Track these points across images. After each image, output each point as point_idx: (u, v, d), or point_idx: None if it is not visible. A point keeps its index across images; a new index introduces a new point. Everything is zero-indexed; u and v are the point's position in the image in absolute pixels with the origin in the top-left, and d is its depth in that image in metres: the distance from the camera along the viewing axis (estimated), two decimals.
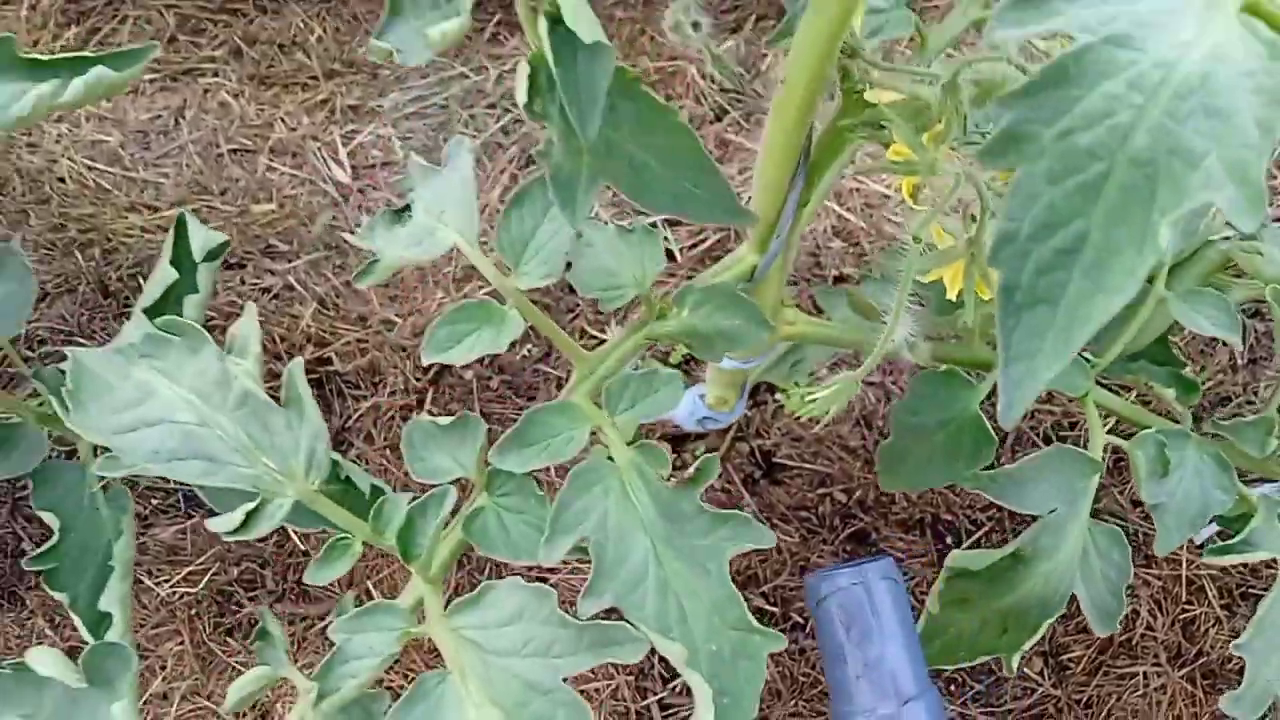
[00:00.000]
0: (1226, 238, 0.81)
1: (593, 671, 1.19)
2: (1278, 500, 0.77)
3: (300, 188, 1.41)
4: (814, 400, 0.54)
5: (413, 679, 1.06)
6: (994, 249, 0.37)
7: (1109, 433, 0.81)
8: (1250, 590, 1.26)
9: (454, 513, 0.60)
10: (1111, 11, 0.34)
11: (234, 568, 1.22)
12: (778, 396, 1.24)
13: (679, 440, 1.23)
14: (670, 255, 1.36)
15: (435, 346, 0.59)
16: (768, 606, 1.21)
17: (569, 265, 0.62)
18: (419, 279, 1.34)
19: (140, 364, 0.58)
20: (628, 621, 0.49)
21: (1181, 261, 0.80)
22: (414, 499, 0.58)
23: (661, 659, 1.24)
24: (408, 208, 0.65)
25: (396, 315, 1.32)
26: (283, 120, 1.48)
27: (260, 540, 1.26)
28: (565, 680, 0.49)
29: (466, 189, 0.60)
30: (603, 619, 0.49)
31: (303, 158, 1.43)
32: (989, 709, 1.24)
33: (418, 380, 1.29)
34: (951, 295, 0.53)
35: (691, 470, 0.56)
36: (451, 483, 0.60)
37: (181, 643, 1.19)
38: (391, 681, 1.13)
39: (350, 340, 1.30)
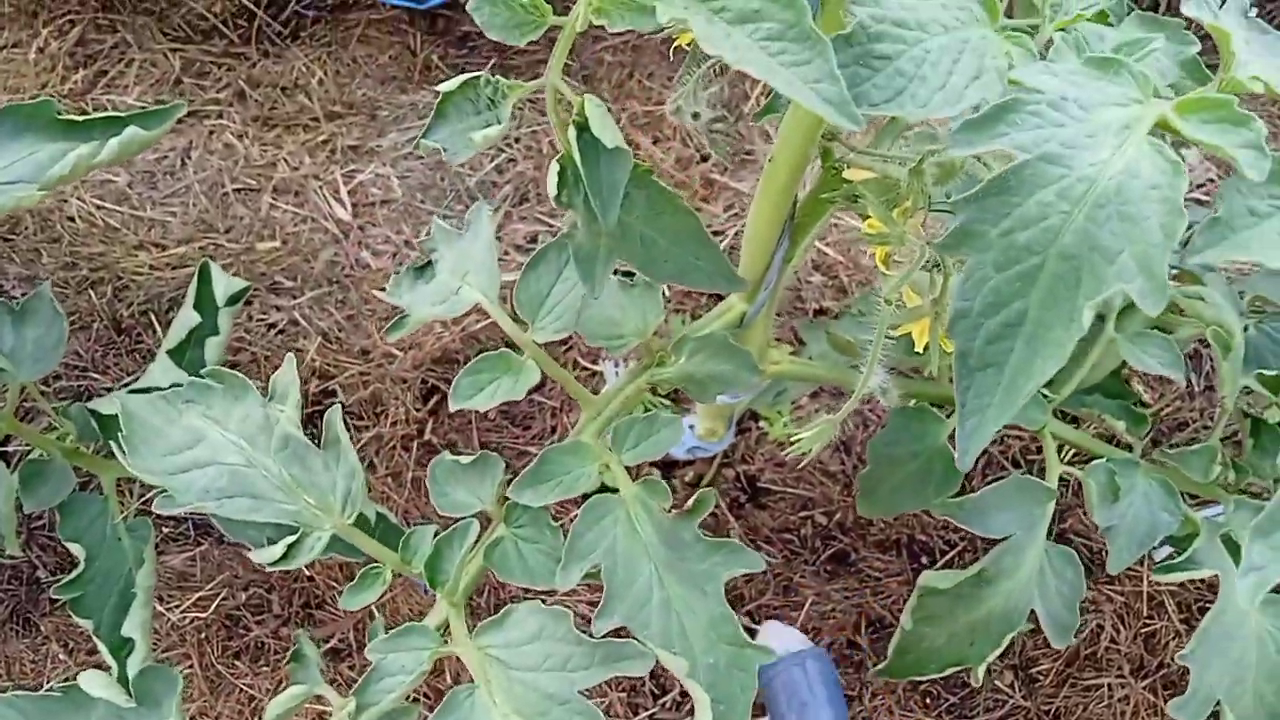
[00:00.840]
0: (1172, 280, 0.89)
1: (586, 690, 1.25)
2: (1221, 522, 0.84)
3: (303, 225, 1.47)
4: (797, 441, 0.61)
5: (425, 700, 1.12)
6: (951, 323, 0.44)
7: (1071, 461, 0.89)
8: (1207, 605, 1.34)
9: (475, 543, 0.66)
10: (1044, 135, 0.41)
11: (242, 593, 1.28)
12: (762, 424, 1.32)
13: (669, 467, 1.30)
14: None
15: (460, 395, 0.65)
16: (752, 624, 1.27)
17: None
18: None
19: (188, 410, 0.64)
20: (635, 639, 0.56)
21: (1130, 305, 0.88)
22: (438, 532, 0.65)
23: (653, 676, 1.30)
24: (429, 265, 0.72)
25: (397, 349, 1.38)
26: (285, 160, 1.54)
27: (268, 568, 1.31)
28: (581, 692, 0.55)
29: (488, 252, 0.67)
30: (611, 637, 0.56)
31: (305, 196, 1.49)
32: None
33: (417, 411, 1.35)
34: (919, 348, 0.61)
35: (690, 503, 0.62)
36: (472, 516, 0.67)
37: (191, 666, 1.24)
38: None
39: (353, 373, 1.36)
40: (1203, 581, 1.31)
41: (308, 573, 1.28)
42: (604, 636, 0.56)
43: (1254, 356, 0.90)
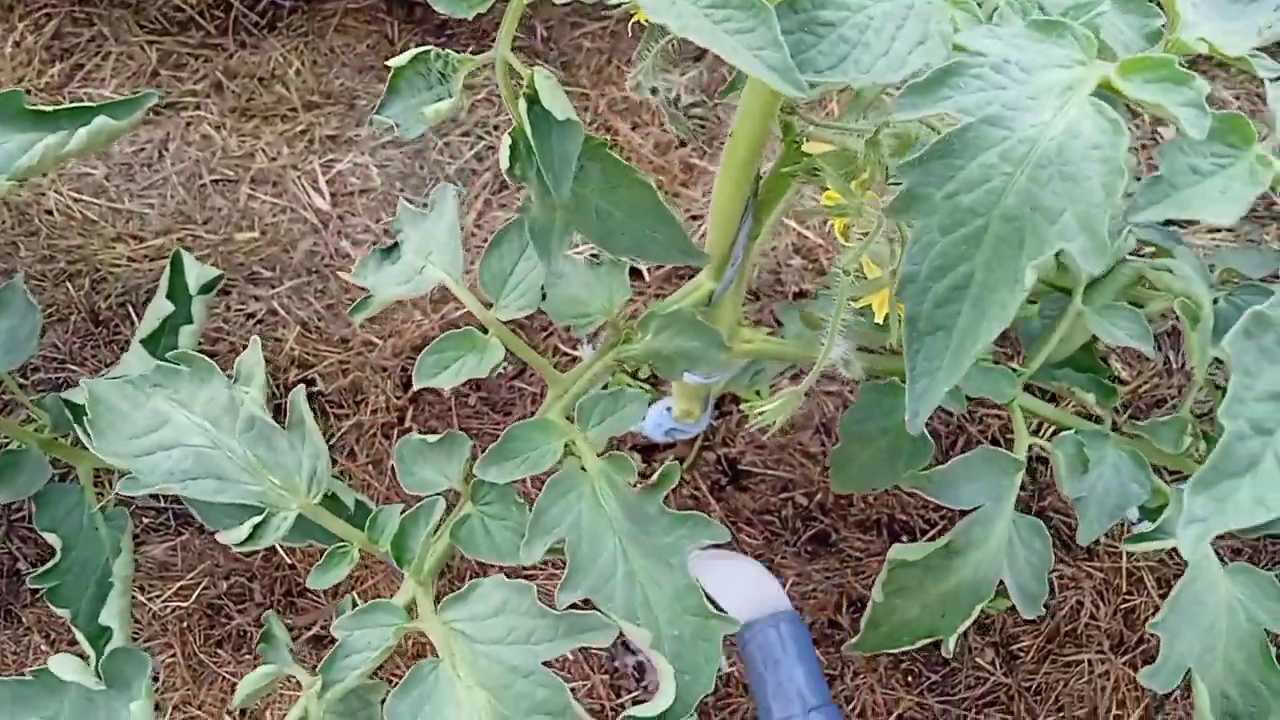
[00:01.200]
0: (1139, 255, 0.90)
1: (569, 671, 1.26)
2: None
3: (281, 215, 1.47)
4: (761, 413, 0.61)
5: (398, 681, 1.12)
6: (899, 287, 0.44)
7: (1050, 436, 0.89)
8: None
9: (441, 521, 0.67)
10: (987, 97, 0.42)
11: (223, 581, 1.28)
12: (742, 407, 1.32)
13: (649, 450, 1.30)
14: (639, 274, 1.43)
15: (424, 373, 0.65)
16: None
17: (544, 295, 0.69)
18: (398, 302, 1.40)
19: (154, 393, 0.65)
20: (599, 611, 0.56)
21: (1099, 279, 0.88)
22: (405, 510, 0.65)
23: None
24: (395, 246, 0.72)
25: (377, 337, 1.38)
26: (263, 151, 1.54)
27: (248, 555, 1.31)
28: (545, 664, 0.55)
29: (452, 233, 0.67)
30: (577, 610, 0.56)
31: (283, 186, 1.49)
32: (945, 698, 1.31)
33: (398, 398, 1.35)
34: (879, 319, 0.61)
35: (655, 477, 0.63)
36: (439, 494, 0.67)
37: (174, 655, 1.24)
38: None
39: (333, 362, 1.36)
40: (1181, 557, 1.32)
41: (289, 560, 1.28)
42: (568, 609, 0.56)
43: (1224, 328, 0.90)
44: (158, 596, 1.25)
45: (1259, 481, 0.37)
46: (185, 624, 1.25)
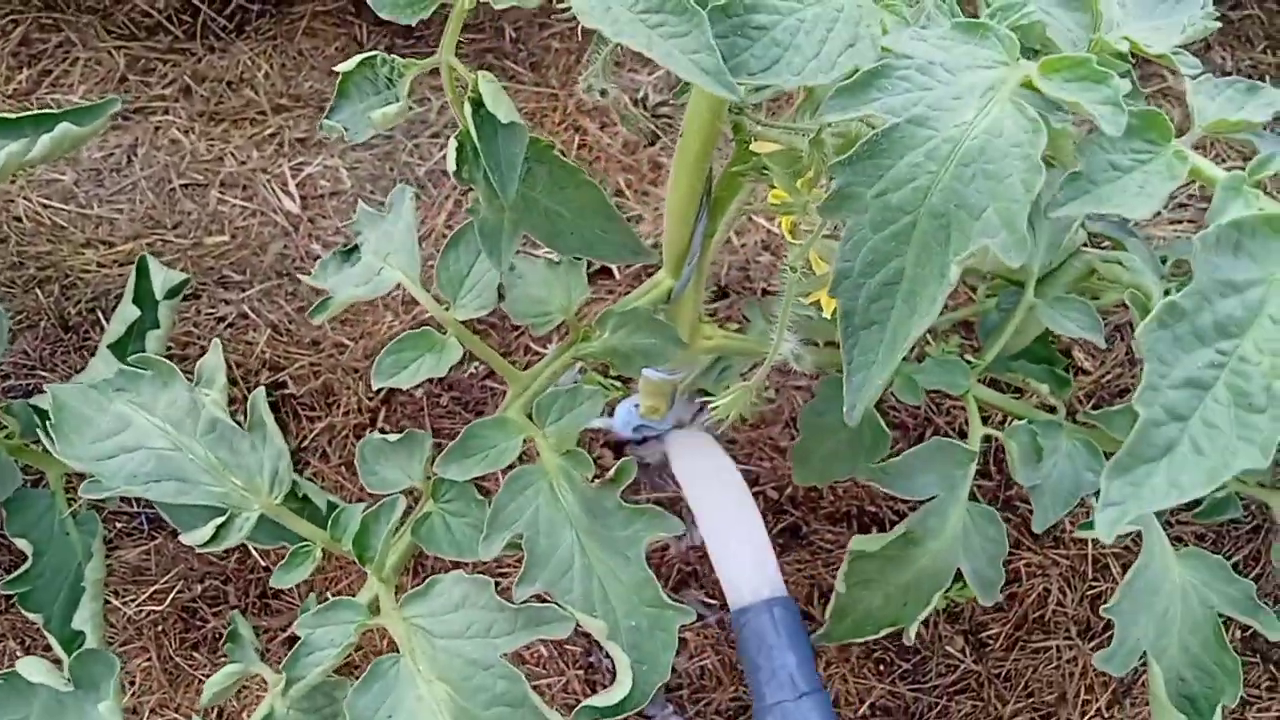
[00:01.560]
0: (1089, 247, 0.91)
1: (544, 668, 1.27)
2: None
3: (251, 219, 1.47)
4: (715, 407, 0.62)
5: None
6: (834, 284, 0.46)
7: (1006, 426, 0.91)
8: None
9: (404, 519, 0.68)
10: (913, 98, 0.43)
11: (198, 585, 1.28)
12: (703, 402, 1.33)
13: (619, 447, 1.31)
14: (610, 273, 1.44)
15: (383, 373, 0.66)
16: (708, 600, 1.29)
17: (502, 295, 0.70)
18: (369, 304, 1.41)
19: (116, 397, 0.65)
20: (557, 604, 0.57)
21: (1051, 271, 0.90)
22: (367, 508, 0.66)
23: (607, 654, 1.32)
24: (355, 248, 0.73)
25: (348, 339, 1.38)
26: (233, 154, 1.54)
27: (222, 558, 1.32)
28: (504, 656, 0.57)
29: (409, 233, 0.68)
30: (536, 603, 0.57)
31: (253, 190, 1.49)
32: (916, 686, 1.33)
33: (370, 400, 1.36)
34: (827, 314, 0.62)
35: (611, 472, 0.64)
36: (402, 493, 0.68)
37: (149, 659, 1.24)
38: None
39: (304, 364, 1.36)
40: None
41: (264, 563, 1.28)
42: (525, 602, 0.57)
43: None
44: (132, 600, 1.26)
45: (1174, 466, 0.38)
46: (160, 628, 1.26)
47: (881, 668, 1.32)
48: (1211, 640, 0.82)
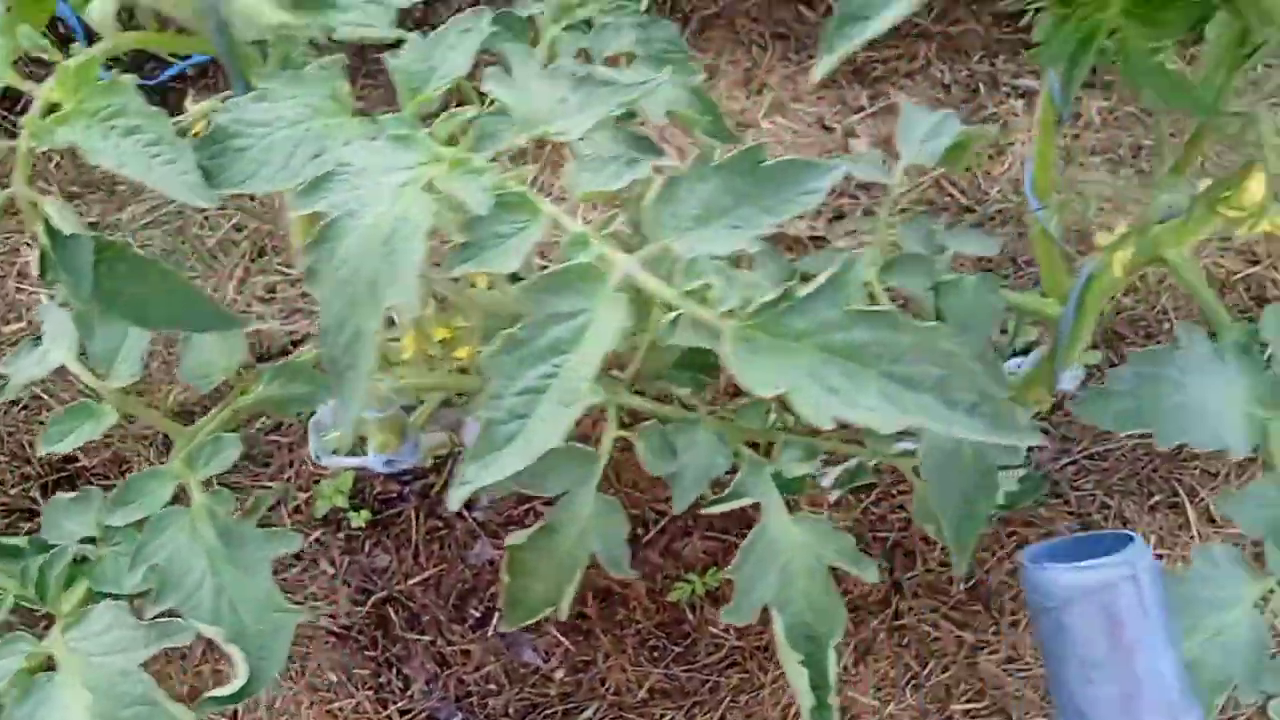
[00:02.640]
0: None
1: (334, 693, 1.39)
2: (768, 462, 1.02)
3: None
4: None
5: None
6: (320, 337, 0.60)
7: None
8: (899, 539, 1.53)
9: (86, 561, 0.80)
10: (350, 196, 0.58)
11: None
12: None
13: (394, 479, 1.45)
14: None
15: (50, 440, 0.79)
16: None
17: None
18: (153, 373, 1.51)
19: None
20: (182, 618, 0.71)
21: None
22: (45, 558, 0.78)
23: (400, 674, 1.44)
24: (40, 339, 0.86)
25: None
26: (27, 244, 1.64)
27: None
28: (141, 666, 0.70)
29: (68, 321, 0.81)
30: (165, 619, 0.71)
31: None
32: (689, 666, 1.47)
33: (160, 464, 1.46)
34: (406, 355, 0.77)
35: (249, 504, 0.78)
36: (85, 541, 0.80)
37: None
38: None
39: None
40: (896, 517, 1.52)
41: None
42: (155, 619, 0.71)
43: None
44: None
45: (516, 452, 0.54)
46: None
47: (656, 653, 1.47)
48: (823, 587, 0.98)
